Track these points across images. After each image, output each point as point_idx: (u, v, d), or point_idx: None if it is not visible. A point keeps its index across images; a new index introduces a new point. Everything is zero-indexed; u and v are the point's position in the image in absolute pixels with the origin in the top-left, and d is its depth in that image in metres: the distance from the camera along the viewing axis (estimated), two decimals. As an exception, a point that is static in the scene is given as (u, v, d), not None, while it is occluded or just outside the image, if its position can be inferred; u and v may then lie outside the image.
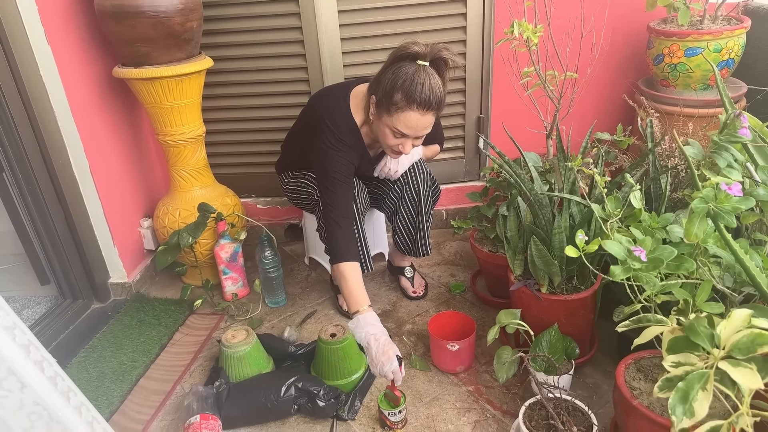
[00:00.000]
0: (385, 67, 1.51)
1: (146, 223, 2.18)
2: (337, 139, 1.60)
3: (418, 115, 1.48)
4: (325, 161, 1.61)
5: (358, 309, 1.47)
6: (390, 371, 1.38)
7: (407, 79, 1.45)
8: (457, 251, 2.28)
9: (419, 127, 1.51)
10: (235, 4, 2.06)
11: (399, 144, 1.56)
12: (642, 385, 1.18)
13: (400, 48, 1.49)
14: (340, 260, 1.54)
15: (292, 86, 2.18)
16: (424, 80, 1.44)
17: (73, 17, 1.82)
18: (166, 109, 1.87)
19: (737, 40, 1.81)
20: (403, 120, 1.49)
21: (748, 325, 0.87)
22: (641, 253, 1.05)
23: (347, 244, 1.58)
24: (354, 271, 1.54)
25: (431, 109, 1.48)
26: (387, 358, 1.37)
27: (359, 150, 1.67)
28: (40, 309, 2.04)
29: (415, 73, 1.45)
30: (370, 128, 1.64)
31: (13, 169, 1.79)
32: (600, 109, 2.26)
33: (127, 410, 1.57)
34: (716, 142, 1.05)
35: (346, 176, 1.62)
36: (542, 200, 1.50)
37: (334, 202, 1.59)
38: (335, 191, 1.59)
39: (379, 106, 1.53)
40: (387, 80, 1.48)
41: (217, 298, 2.04)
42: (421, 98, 1.45)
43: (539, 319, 1.48)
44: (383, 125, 1.54)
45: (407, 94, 1.45)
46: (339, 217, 1.59)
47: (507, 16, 1.98)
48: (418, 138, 1.57)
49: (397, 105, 1.47)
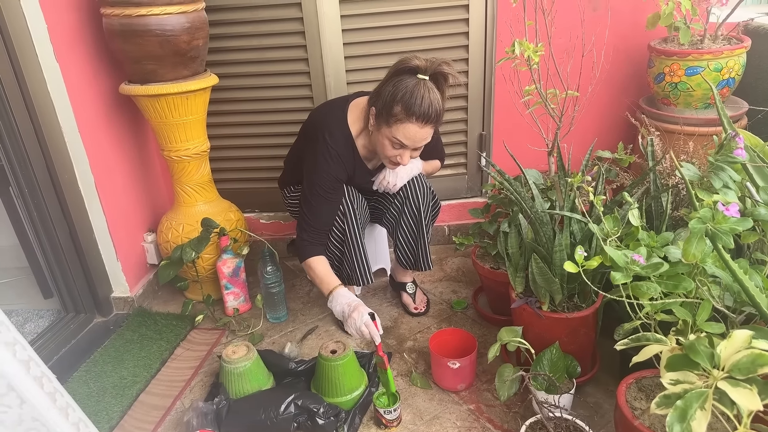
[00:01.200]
0: (386, 79, 1.55)
1: (150, 237, 2.19)
2: (329, 149, 1.64)
3: (416, 128, 1.51)
4: (313, 172, 1.67)
5: (331, 288, 1.64)
6: (362, 324, 1.50)
7: (407, 92, 1.48)
8: (459, 267, 2.28)
9: (418, 139, 1.54)
10: (240, 22, 2.09)
11: (397, 155, 1.59)
12: (643, 405, 1.17)
13: (400, 61, 1.53)
14: (307, 257, 1.70)
15: (295, 103, 2.21)
16: (424, 94, 1.48)
17: (81, 35, 1.85)
18: (171, 125, 1.89)
19: (738, 59, 1.83)
20: (402, 132, 1.52)
21: (748, 346, 0.86)
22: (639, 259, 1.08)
23: (314, 247, 1.71)
24: (321, 261, 1.70)
25: (430, 122, 1.51)
26: (358, 313, 1.51)
27: (352, 162, 1.70)
28: (43, 323, 2.04)
29: (415, 86, 1.48)
30: (369, 140, 1.67)
31: (19, 184, 1.81)
32: (601, 127, 2.27)
33: (126, 426, 1.57)
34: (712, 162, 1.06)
35: (329, 191, 1.68)
36: (543, 218, 1.50)
37: (311, 211, 1.69)
38: (313, 203, 1.68)
39: (378, 117, 1.56)
40: (387, 92, 1.51)
41: (219, 313, 2.05)
42: (421, 111, 1.48)
43: (540, 337, 1.48)
44: (382, 136, 1.57)
45: (407, 106, 1.48)
46: (310, 227, 1.70)
47: (508, 35, 2.02)
48: (416, 149, 1.60)
49: (397, 117, 1.51)
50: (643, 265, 1.08)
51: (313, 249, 1.71)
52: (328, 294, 1.66)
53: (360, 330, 1.54)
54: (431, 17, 2.07)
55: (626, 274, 1.09)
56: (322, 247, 1.74)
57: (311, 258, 1.69)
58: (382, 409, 1.47)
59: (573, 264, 1.18)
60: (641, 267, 1.08)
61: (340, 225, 1.75)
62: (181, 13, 1.74)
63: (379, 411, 1.47)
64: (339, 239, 1.77)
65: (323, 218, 1.70)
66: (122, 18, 1.70)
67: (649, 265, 1.08)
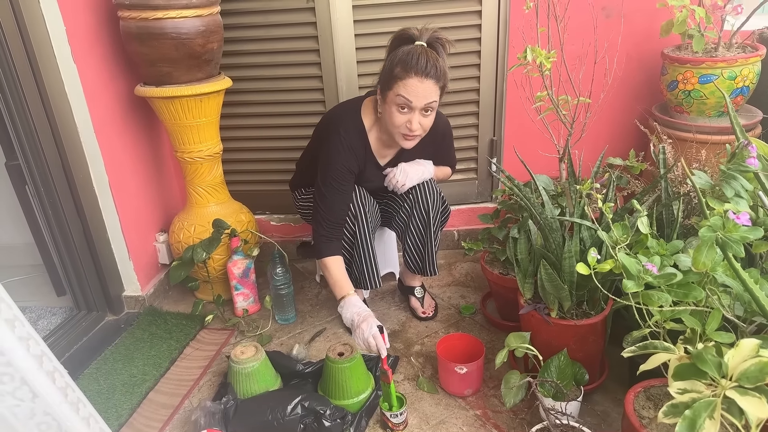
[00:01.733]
0: (387, 52, 1.62)
1: (162, 237, 2.22)
2: (342, 141, 1.67)
3: (417, 81, 1.52)
4: (326, 164, 1.69)
5: (344, 295, 1.67)
6: (370, 336, 1.52)
7: (404, 54, 1.54)
8: (467, 272, 2.27)
9: (420, 94, 1.53)
10: (254, 26, 2.11)
11: (407, 121, 1.58)
12: (651, 414, 1.16)
13: (396, 33, 1.60)
14: (324, 255, 1.71)
15: (307, 107, 2.22)
16: (421, 52, 1.52)
17: (98, 37, 1.88)
18: (185, 127, 1.91)
19: (752, 67, 1.81)
20: (403, 87, 1.53)
21: (756, 355, 0.86)
22: (653, 268, 1.07)
23: (331, 243, 1.72)
24: (337, 263, 1.71)
25: (429, 76, 1.52)
26: (367, 324, 1.53)
27: (363, 155, 1.72)
28: (56, 320, 2.07)
29: (412, 49, 1.54)
30: (380, 130, 1.70)
31: (35, 183, 1.84)
32: (613, 134, 2.26)
33: (135, 423, 1.58)
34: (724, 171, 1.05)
35: (341, 182, 1.69)
36: (553, 224, 1.50)
37: (324, 203, 1.70)
38: (327, 194, 1.69)
39: (382, 87, 1.60)
40: (388, 61, 1.58)
41: (228, 313, 2.06)
42: (419, 66, 1.51)
43: (548, 343, 1.47)
44: (388, 106, 1.59)
45: (404, 64, 1.52)
46: (325, 220, 1.71)
47: (521, 41, 2.02)
48: (424, 115, 1.58)
49: (398, 76, 1.54)
50: (656, 275, 1.07)
51: (330, 246, 1.72)
52: (339, 299, 1.68)
53: (367, 341, 1.56)
54: (444, 22, 2.08)
55: (638, 283, 1.08)
56: (338, 243, 1.75)
57: (328, 258, 1.71)
58: (388, 412, 1.47)
59: (585, 266, 1.18)
60: (654, 276, 1.07)
61: (351, 227, 1.76)
62: (196, 16, 1.76)
63: (386, 414, 1.48)
64: (349, 242, 1.78)
65: (336, 210, 1.71)
66: (139, 21, 1.73)
67: (662, 275, 1.07)
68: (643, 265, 1.08)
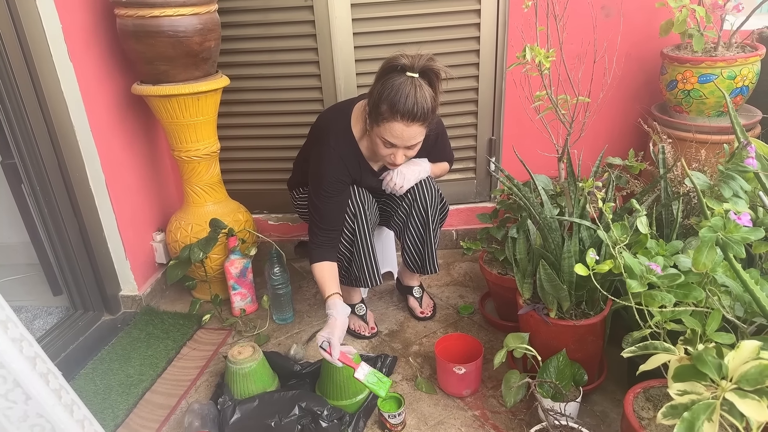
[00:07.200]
0: (376, 79, 1.55)
1: (159, 236, 2.21)
2: (331, 151, 1.65)
3: (402, 126, 1.50)
4: (317, 175, 1.67)
5: (325, 298, 1.63)
6: (319, 348, 1.49)
7: (393, 91, 1.47)
8: (466, 272, 2.27)
9: (405, 137, 1.53)
10: (252, 24, 2.10)
11: (390, 154, 1.58)
12: (651, 415, 1.16)
13: (388, 60, 1.53)
14: (313, 261, 1.69)
15: (305, 105, 2.21)
16: (410, 92, 1.46)
17: (95, 35, 1.87)
18: (182, 125, 1.90)
19: (752, 67, 1.81)
20: (389, 131, 1.52)
21: (757, 357, 0.85)
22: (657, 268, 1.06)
23: (321, 250, 1.70)
24: (321, 268, 1.68)
25: (416, 120, 1.49)
26: (320, 335, 1.50)
27: (356, 164, 1.70)
28: (52, 319, 2.06)
29: (401, 84, 1.47)
30: (370, 140, 1.67)
31: (31, 181, 1.83)
32: (612, 134, 2.25)
33: (131, 424, 1.57)
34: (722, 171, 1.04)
35: (333, 193, 1.67)
36: (552, 224, 1.49)
37: (317, 213, 1.69)
38: (319, 204, 1.68)
39: (370, 116, 1.57)
40: (376, 92, 1.52)
41: (226, 313, 2.05)
42: (405, 109, 1.46)
43: (547, 344, 1.47)
44: (375, 136, 1.58)
45: (391, 105, 1.48)
46: (318, 228, 1.69)
47: (520, 40, 2.01)
48: (409, 149, 1.58)
49: (383, 116, 1.51)
50: (660, 275, 1.06)
51: (319, 253, 1.70)
52: (325, 297, 1.65)
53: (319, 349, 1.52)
54: (442, 21, 2.08)
55: (641, 283, 1.07)
56: (330, 249, 1.72)
57: (315, 263, 1.69)
58: (386, 413, 1.47)
59: (584, 267, 1.17)
60: (657, 277, 1.06)
61: (350, 226, 1.75)
62: (193, 14, 1.75)
63: (384, 415, 1.47)
64: (348, 240, 1.77)
65: (330, 219, 1.70)
66: (136, 19, 1.72)
67: (666, 276, 1.07)
68: (647, 266, 1.07)
